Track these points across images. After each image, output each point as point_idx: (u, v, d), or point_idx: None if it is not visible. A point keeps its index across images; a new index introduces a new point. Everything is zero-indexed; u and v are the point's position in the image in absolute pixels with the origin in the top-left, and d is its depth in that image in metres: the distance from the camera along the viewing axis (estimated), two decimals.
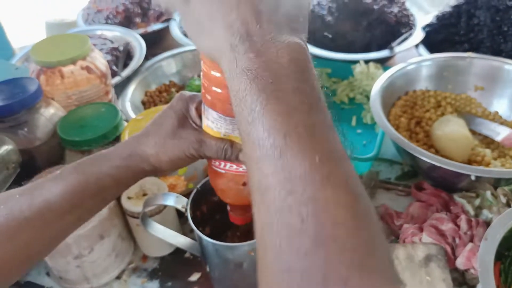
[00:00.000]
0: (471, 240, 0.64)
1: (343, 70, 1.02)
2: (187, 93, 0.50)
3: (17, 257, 0.44)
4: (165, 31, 1.22)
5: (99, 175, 0.46)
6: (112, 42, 1.10)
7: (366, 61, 1.00)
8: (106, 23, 1.24)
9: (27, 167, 0.70)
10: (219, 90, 0.42)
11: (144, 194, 0.68)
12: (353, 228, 0.25)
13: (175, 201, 0.61)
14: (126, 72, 1.00)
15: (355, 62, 1.01)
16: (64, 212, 0.45)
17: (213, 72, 0.41)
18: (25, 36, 1.32)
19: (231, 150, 0.45)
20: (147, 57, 1.06)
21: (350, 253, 0.24)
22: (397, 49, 1.01)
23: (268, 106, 0.28)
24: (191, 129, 0.47)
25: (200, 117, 0.48)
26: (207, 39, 0.33)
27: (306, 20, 0.34)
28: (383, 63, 1.03)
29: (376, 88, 0.84)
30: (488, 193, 0.69)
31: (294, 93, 0.28)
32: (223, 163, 0.48)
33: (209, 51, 0.34)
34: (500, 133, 0.80)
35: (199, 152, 0.47)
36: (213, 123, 0.45)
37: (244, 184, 0.50)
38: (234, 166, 0.48)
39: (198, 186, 0.63)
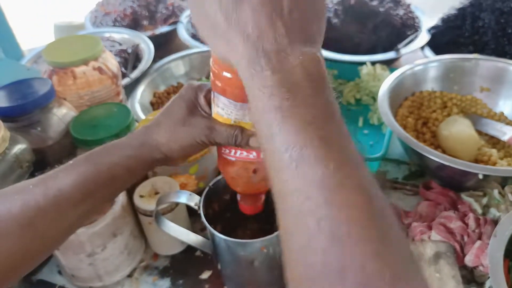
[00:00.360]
0: (480, 238, 0.65)
1: (350, 72, 1.03)
2: (195, 82, 0.51)
3: (32, 247, 0.44)
4: (172, 34, 1.24)
5: (110, 164, 0.47)
6: (120, 44, 1.11)
7: (373, 63, 1.02)
8: (114, 25, 1.25)
9: (40, 166, 0.70)
10: (229, 75, 0.42)
11: (156, 193, 0.69)
12: (367, 224, 0.27)
13: (188, 198, 0.62)
14: (135, 74, 1.01)
15: (362, 63, 1.02)
16: (77, 201, 0.45)
17: None
18: (33, 38, 1.33)
19: (241, 136, 0.46)
20: (155, 59, 1.08)
21: (365, 245, 0.26)
22: (403, 51, 1.03)
23: (285, 122, 0.29)
24: (200, 117, 0.48)
25: (209, 105, 0.49)
26: (224, 46, 0.34)
27: (323, 29, 0.35)
28: (389, 64, 1.05)
29: (383, 89, 0.85)
30: (496, 192, 0.70)
31: (309, 107, 0.30)
32: (233, 151, 0.49)
33: (225, 57, 0.35)
34: (506, 133, 0.81)
35: (210, 139, 0.48)
36: (223, 110, 0.46)
37: (255, 171, 0.50)
38: (245, 153, 0.49)
39: (211, 184, 0.64)
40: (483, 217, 0.68)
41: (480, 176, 0.68)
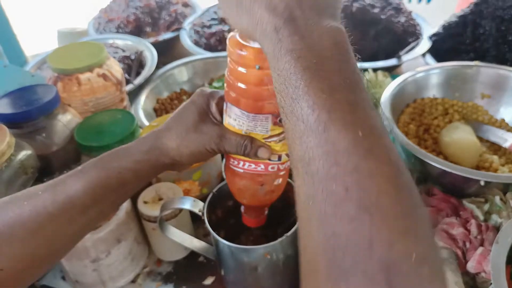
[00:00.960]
0: (482, 244, 0.65)
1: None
2: (207, 89, 0.51)
3: (41, 253, 0.44)
4: (175, 40, 1.24)
5: (119, 169, 0.47)
6: (123, 50, 1.12)
7: (374, 70, 1.02)
8: (117, 32, 1.26)
9: (45, 172, 0.71)
10: (243, 86, 0.43)
11: (160, 199, 0.70)
12: (396, 197, 0.26)
13: (192, 204, 0.62)
14: (138, 80, 1.02)
15: (364, 70, 1.03)
16: (86, 207, 0.45)
17: (239, 69, 0.42)
18: (37, 45, 1.34)
19: (250, 145, 0.46)
20: (158, 66, 1.08)
21: (394, 220, 0.26)
22: (404, 58, 1.03)
23: (313, 83, 0.29)
24: (212, 124, 0.48)
25: (220, 113, 0.49)
26: (248, 19, 0.34)
27: (340, 8, 0.35)
28: (391, 71, 1.05)
29: (385, 96, 0.85)
30: (497, 198, 0.70)
31: (337, 72, 0.30)
32: (241, 162, 0.49)
33: (249, 30, 0.35)
34: (507, 139, 0.82)
35: (219, 147, 0.48)
36: (235, 120, 0.46)
37: (262, 184, 0.51)
38: (253, 166, 0.49)
39: (214, 190, 0.64)
40: (485, 224, 0.68)
41: (482, 183, 0.68)
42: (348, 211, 0.26)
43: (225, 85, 0.46)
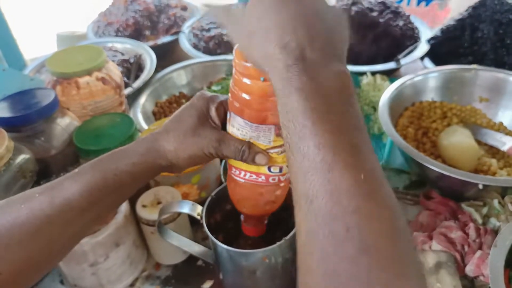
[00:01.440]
0: (480, 248, 0.65)
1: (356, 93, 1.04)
2: (207, 93, 0.50)
3: (39, 256, 0.44)
4: (174, 44, 1.25)
5: (116, 171, 0.46)
6: (122, 54, 1.12)
7: (373, 73, 1.02)
8: (116, 35, 1.26)
9: (43, 176, 0.71)
10: (247, 97, 0.43)
11: (159, 203, 0.70)
12: (394, 240, 0.28)
13: (191, 208, 0.62)
14: (137, 84, 1.02)
15: (362, 73, 1.03)
16: (83, 210, 0.45)
17: (244, 80, 0.43)
18: (36, 48, 1.34)
19: (248, 151, 0.46)
20: (157, 69, 1.09)
21: (391, 262, 0.27)
22: (403, 61, 1.04)
23: (320, 124, 0.31)
24: (210, 128, 0.48)
25: (219, 117, 0.49)
26: (259, 52, 0.35)
27: (346, 51, 0.37)
28: (389, 75, 1.05)
29: (384, 99, 0.86)
30: (496, 202, 0.71)
31: (342, 115, 0.32)
32: (243, 172, 0.49)
33: (260, 63, 0.36)
34: (506, 143, 0.82)
35: (218, 151, 0.47)
36: (238, 130, 0.46)
37: (262, 194, 0.51)
38: (254, 176, 0.49)
39: (213, 194, 0.64)
40: (483, 227, 0.68)
41: (480, 186, 0.68)
42: (349, 251, 0.27)
43: (229, 95, 0.46)
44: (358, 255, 0.27)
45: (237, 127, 0.46)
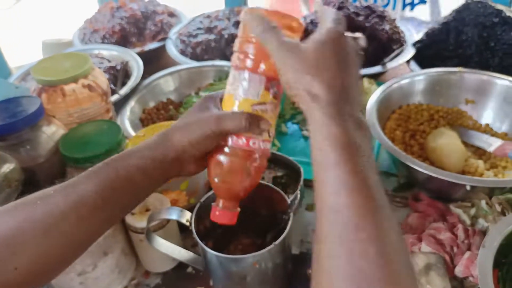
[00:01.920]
0: (469, 249, 0.66)
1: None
2: (211, 93, 0.55)
3: (54, 252, 0.45)
4: (161, 50, 1.24)
5: (127, 167, 0.48)
6: (109, 61, 1.12)
7: (360, 77, 1.03)
8: (103, 42, 1.26)
9: (29, 185, 0.70)
10: (252, 45, 0.47)
11: (147, 210, 0.69)
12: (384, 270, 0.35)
13: (179, 215, 0.62)
14: (124, 90, 1.01)
15: None
16: (97, 208, 0.46)
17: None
18: (21, 56, 1.33)
19: (250, 119, 0.48)
20: (144, 76, 1.08)
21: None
22: (390, 65, 1.04)
23: (342, 166, 0.38)
24: (211, 112, 0.50)
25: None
26: (296, 79, 0.43)
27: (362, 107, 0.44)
28: (376, 78, 1.06)
29: (371, 103, 0.86)
30: (483, 202, 0.71)
31: (363, 157, 0.39)
32: (234, 138, 0.49)
33: (293, 89, 0.44)
34: (492, 144, 0.83)
35: (219, 127, 0.48)
36: (231, 85, 0.49)
37: (240, 161, 0.50)
38: (234, 138, 0.50)
39: (202, 200, 0.64)
40: (471, 228, 0.68)
41: (468, 187, 0.69)
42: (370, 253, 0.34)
43: (234, 49, 0.49)
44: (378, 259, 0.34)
45: (232, 81, 0.49)
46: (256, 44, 0.47)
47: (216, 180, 0.52)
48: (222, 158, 0.51)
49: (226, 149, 0.50)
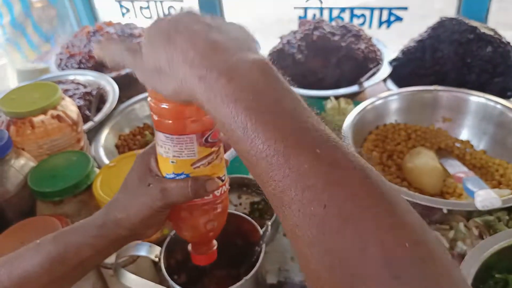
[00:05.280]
0: None
1: (315, 106, 1.03)
2: (146, 148, 0.48)
3: None
4: None
5: (78, 244, 0.45)
6: (85, 86, 1.10)
7: (337, 97, 1.02)
8: (79, 67, 1.24)
9: None
10: (165, 106, 0.41)
11: None
12: (375, 196, 0.27)
13: (148, 250, 0.60)
14: (99, 117, 1.00)
15: (326, 98, 1.03)
16: (43, 284, 0.44)
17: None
18: None
19: (196, 184, 0.44)
20: (121, 99, 1.07)
21: (378, 218, 0.26)
22: (366, 84, 1.04)
23: (258, 120, 0.29)
24: (152, 183, 0.45)
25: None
26: (173, 82, 0.34)
27: (255, 42, 0.36)
28: (353, 98, 1.06)
29: (346, 124, 0.85)
30: (461, 225, 0.70)
31: (276, 102, 0.30)
32: None
33: (178, 92, 0.35)
34: (454, 167, 0.82)
35: (166, 201, 0.44)
36: (162, 147, 0.44)
37: (201, 214, 0.47)
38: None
39: (172, 233, 0.62)
40: (450, 252, 0.67)
41: (445, 211, 0.68)
42: (333, 226, 0.26)
43: (150, 110, 0.44)
44: (343, 226, 0.26)
45: (161, 144, 0.44)
46: (171, 104, 0.40)
47: (182, 234, 0.51)
48: (181, 215, 0.48)
49: (184, 206, 0.47)
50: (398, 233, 0.25)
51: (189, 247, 0.54)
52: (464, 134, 0.92)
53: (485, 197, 0.66)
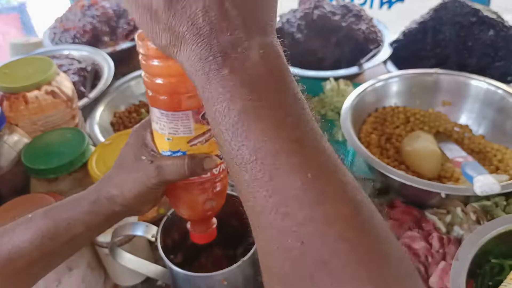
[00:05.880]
0: (444, 258, 0.65)
1: (314, 87, 1.02)
2: (142, 122, 0.47)
3: None
4: (134, 50, 1.19)
5: (70, 220, 0.44)
6: (79, 62, 1.08)
7: (336, 78, 1.01)
8: (74, 42, 1.21)
9: None
10: (160, 81, 0.40)
11: None
12: (356, 240, 0.24)
13: (145, 230, 0.59)
14: (94, 93, 0.98)
15: (325, 79, 1.02)
16: (34, 260, 0.43)
17: (153, 62, 0.39)
18: None
19: (191, 162, 0.42)
20: (116, 76, 1.04)
21: (355, 267, 0.23)
22: (366, 65, 1.02)
23: (251, 126, 0.26)
24: (147, 159, 0.44)
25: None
26: (167, 39, 0.29)
27: (275, 18, 0.31)
28: (353, 79, 1.04)
29: (346, 106, 0.84)
30: (459, 210, 0.70)
31: (276, 107, 0.27)
32: None
33: (170, 51, 0.30)
34: (453, 152, 0.81)
35: (161, 179, 0.43)
36: (157, 124, 0.43)
37: (200, 193, 0.47)
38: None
39: (169, 213, 0.62)
40: (446, 237, 0.67)
41: (443, 195, 0.68)
42: (307, 267, 0.23)
43: (144, 84, 0.42)
44: (318, 270, 0.23)
45: (156, 120, 0.43)
46: (166, 79, 0.39)
47: (180, 212, 0.50)
48: (179, 193, 0.47)
49: (181, 184, 0.46)
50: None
51: (188, 225, 0.53)
52: (464, 119, 0.92)
53: (484, 182, 0.66)
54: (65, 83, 0.80)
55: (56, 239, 0.43)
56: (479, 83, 0.90)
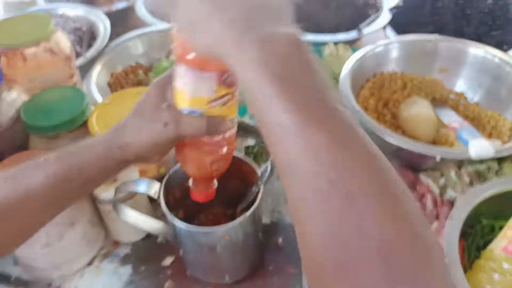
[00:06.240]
0: (437, 218, 0.67)
1: (312, 52, 1.02)
2: (163, 75, 0.48)
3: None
4: (130, 10, 1.19)
5: (82, 165, 0.45)
6: (74, 21, 1.06)
7: (335, 43, 1.01)
8: (68, 1, 1.19)
9: None
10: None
11: (114, 180, 0.67)
12: (379, 182, 0.27)
13: (147, 187, 0.60)
14: (90, 53, 0.97)
15: (324, 44, 1.01)
16: (47, 204, 0.45)
17: None
18: None
19: (208, 124, 0.44)
20: (111, 37, 1.03)
21: (381, 206, 0.26)
22: (365, 30, 1.02)
23: (283, 88, 0.30)
24: (166, 111, 0.46)
25: None
26: (207, 38, 0.34)
27: (291, 13, 0.35)
28: (352, 44, 1.04)
29: (345, 71, 0.85)
30: (453, 173, 0.72)
31: (303, 74, 0.31)
32: None
33: (210, 48, 0.35)
34: (449, 117, 0.83)
35: (179, 133, 0.45)
36: (181, 79, 0.43)
37: (208, 153, 0.48)
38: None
39: (171, 172, 0.63)
40: (440, 198, 0.69)
41: (438, 159, 0.69)
42: (336, 204, 0.27)
43: (173, 41, 0.43)
44: (346, 206, 0.26)
45: (180, 76, 0.43)
46: None
47: (187, 169, 0.51)
48: (189, 151, 0.48)
49: (192, 142, 0.47)
50: (400, 224, 0.26)
51: (190, 182, 0.55)
52: (460, 86, 0.93)
53: (479, 146, 0.67)
54: (64, 41, 0.79)
55: (68, 183, 0.45)
56: (477, 51, 0.90)
